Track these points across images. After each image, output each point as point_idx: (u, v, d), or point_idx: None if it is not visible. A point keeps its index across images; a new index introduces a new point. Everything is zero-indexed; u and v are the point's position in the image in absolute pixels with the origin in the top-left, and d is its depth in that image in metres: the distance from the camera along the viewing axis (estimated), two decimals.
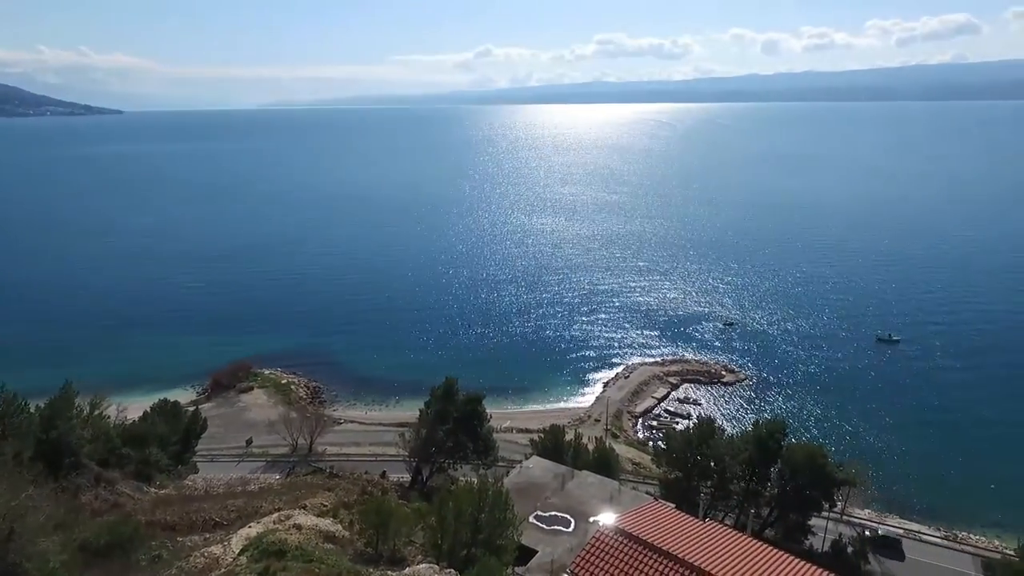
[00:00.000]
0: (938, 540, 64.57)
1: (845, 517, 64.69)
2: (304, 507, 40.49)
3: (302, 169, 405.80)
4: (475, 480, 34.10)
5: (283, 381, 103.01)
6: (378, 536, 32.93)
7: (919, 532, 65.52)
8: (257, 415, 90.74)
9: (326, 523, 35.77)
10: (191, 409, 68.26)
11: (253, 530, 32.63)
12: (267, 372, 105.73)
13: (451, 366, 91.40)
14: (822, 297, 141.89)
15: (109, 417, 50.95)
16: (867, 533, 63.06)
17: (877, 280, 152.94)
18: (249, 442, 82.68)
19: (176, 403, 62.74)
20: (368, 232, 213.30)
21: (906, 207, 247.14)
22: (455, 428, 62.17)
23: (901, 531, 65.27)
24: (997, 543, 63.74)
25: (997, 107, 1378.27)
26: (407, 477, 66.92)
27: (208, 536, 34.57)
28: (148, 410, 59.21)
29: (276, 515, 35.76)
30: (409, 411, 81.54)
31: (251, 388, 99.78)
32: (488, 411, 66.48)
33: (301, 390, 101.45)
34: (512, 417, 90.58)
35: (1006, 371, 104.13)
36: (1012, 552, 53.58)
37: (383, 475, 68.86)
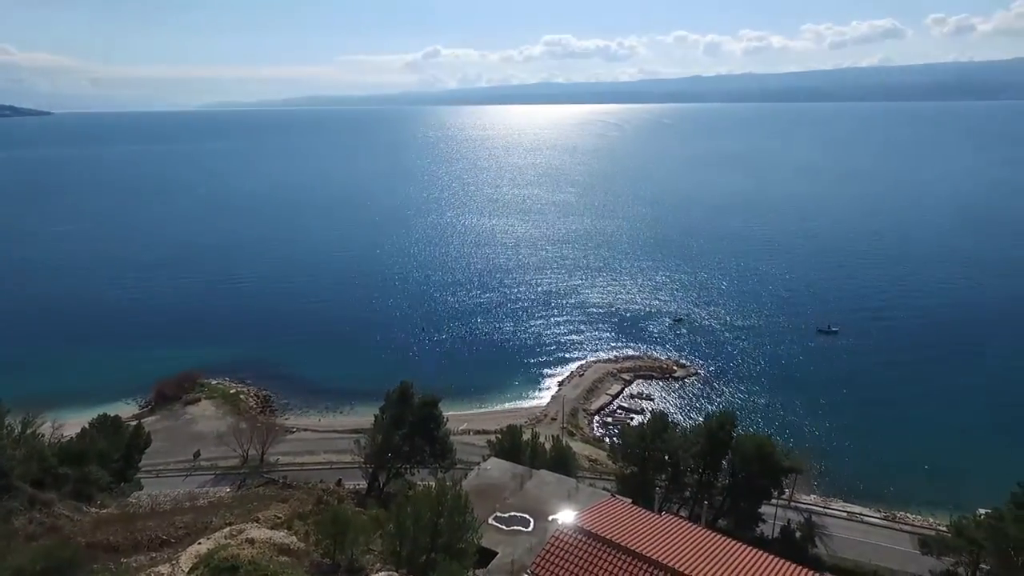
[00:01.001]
0: (878, 521, 67.80)
1: (793, 503, 67.15)
2: (257, 520, 39.45)
3: (243, 172, 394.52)
4: (433, 484, 33.84)
5: (232, 391, 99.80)
6: (335, 546, 32.41)
7: (861, 514, 68.66)
8: (205, 427, 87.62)
9: (280, 535, 34.93)
10: (133, 423, 65.71)
11: (203, 547, 31.55)
12: (215, 382, 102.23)
13: (406, 370, 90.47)
14: (765, 292, 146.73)
15: (43, 435, 48.55)
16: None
17: (816, 274, 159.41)
18: (197, 455, 79.78)
19: (117, 417, 60.25)
20: (315, 236, 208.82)
21: (841, 203, 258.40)
22: (411, 432, 61.50)
23: (845, 514, 68.06)
24: (931, 521, 67.31)
25: (921, 107, 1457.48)
26: (363, 484, 65.90)
27: (155, 555, 33.33)
28: (87, 426, 56.47)
29: (227, 530, 34.70)
30: (364, 416, 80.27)
31: (198, 399, 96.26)
32: (445, 414, 66.07)
33: (251, 399, 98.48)
34: (469, 419, 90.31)
35: (936, 358, 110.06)
36: (945, 528, 56.67)
37: (339, 483, 67.69)
